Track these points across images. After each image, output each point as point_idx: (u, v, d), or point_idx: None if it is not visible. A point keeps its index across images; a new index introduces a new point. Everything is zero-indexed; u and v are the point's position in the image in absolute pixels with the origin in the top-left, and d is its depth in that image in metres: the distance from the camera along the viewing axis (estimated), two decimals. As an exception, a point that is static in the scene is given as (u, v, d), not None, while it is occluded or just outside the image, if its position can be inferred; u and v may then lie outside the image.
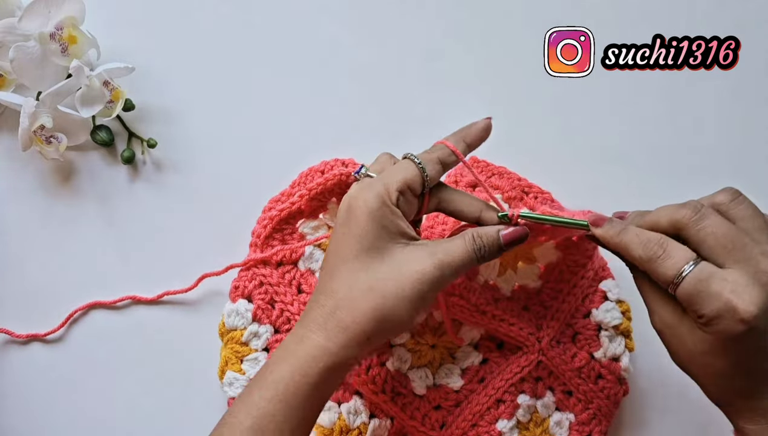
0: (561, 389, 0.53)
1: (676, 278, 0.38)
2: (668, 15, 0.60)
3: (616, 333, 0.53)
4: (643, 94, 0.60)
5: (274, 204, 0.54)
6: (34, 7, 0.51)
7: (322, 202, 0.53)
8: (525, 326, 0.52)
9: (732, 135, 0.60)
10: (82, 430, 0.55)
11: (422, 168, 0.43)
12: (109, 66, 0.53)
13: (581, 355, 0.53)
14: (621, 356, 0.53)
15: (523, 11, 0.60)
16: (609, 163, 0.59)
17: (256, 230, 0.53)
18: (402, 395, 0.52)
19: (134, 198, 0.57)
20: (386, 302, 0.40)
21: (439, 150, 0.45)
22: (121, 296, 0.55)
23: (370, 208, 0.41)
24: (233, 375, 0.52)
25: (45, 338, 0.55)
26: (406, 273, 0.41)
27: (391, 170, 0.43)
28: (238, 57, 0.59)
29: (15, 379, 0.55)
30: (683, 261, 0.38)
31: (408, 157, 0.44)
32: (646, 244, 0.40)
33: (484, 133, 0.46)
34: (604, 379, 0.53)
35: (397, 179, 0.42)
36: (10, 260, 0.56)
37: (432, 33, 0.60)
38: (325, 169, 0.53)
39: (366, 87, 0.59)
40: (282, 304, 0.53)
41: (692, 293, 0.37)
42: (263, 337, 0.52)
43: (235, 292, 0.53)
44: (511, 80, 0.60)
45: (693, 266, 0.37)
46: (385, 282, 0.41)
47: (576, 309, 0.53)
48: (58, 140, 0.53)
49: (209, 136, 0.58)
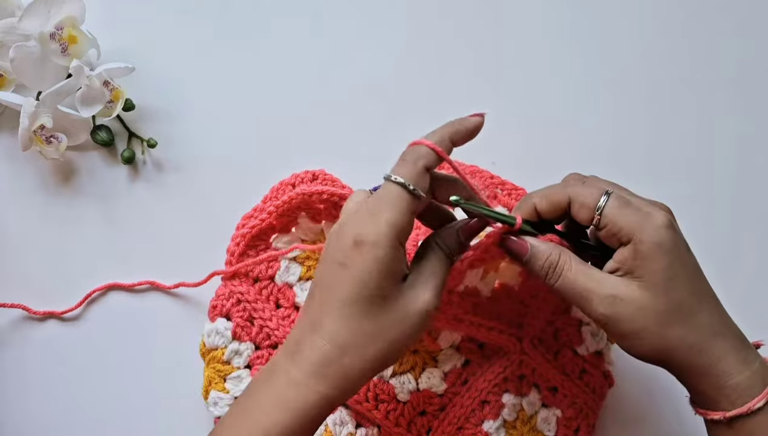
0: (546, 385, 0.53)
1: (602, 197, 0.40)
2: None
3: (598, 327, 0.52)
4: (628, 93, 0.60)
5: (246, 220, 0.53)
6: (34, 7, 0.51)
7: (291, 217, 0.53)
8: (505, 327, 0.51)
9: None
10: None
11: (415, 190, 0.39)
12: (109, 66, 0.53)
13: (564, 352, 0.52)
14: (604, 349, 0.53)
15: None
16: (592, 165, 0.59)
17: (230, 247, 0.53)
18: (385, 402, 0.51)
19: (134, 198, 0.57)
20: (392, 348, 0.39)
21: (423, 157, 0.39)
22: (140, 281, 0.55)
23: (380, 253, 0.38)
24: (217, 395, 0.52)
25: (62, 317, 0.55)
26: (412, 316, 0.39)
27: (386, 204, 0.39)
28: (238, 57, 0.59)
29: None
30: (599, 190, 0.40)
31: (394, 183, 0.39)
32: (564, 184, 0.42)
33: (473, 134, 0.42)
34: (588, 374, 0.53)
35: (401, 213, 0.38)
36: (9, 260, 0.56)
37: (438, 37, 0.60)
38: (295, 181, 0.53)
39: (366, 86, 0.59)
40: (261, 320, 0.52)
41: (616, 213, 0.39)
42: (244, 354, 0.52)
43: (213, 311, 0.53)
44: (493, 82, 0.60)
45: (608, 195, 0.40)
46: (390, 330, 0.39)
47: (556, 306, 0.52)
48: (58, 140, 0.53)
49: (209, 136, 0.58)
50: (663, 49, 0.61)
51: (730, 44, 0.61)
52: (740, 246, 0.58)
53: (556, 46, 0.60)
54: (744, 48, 0.61)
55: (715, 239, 0.58)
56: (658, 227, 0.39)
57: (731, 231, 0.58)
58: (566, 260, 0.41)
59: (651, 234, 0.39)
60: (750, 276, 0.58)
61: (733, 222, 0.58)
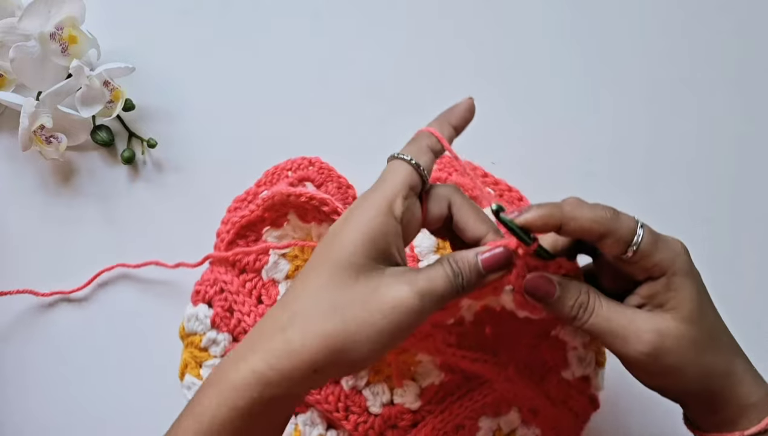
0: (527, 407, 0.50)
1: (639, 225, 0.37)
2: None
3: (586, 351, 0.49)
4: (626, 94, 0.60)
5: (238, 203, 0.53)
6: (34, 7, 0.51)
7: (281, 212, 0.51)
8: (489, 357, 0.48)
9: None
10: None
11: (416, 164, 0.38)
12: (110, 66, 0.53)
13: (549, 377, 0.49)
14: (591, 374, 0.50)
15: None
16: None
17: (220, 231, 0.53)
18: (356, 414, 0.50)
19: (134, 198, 0.57)
20: (347, 329, 0.34)
21: (426, 138, 0.39)
22: (146, 260, 0.55)
23: (368, 217, 0.36)
24: (192, 380, 0.51)
25: (69, 296, 0.55)
26: (381, 299, 0.34)
27: (386, 178, 0.37)
28: (238, 57, 0.59)
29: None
30: (633, 223, 0.37)
31: (396, 158, 0.38)
32: (595, 213, 0.37)
33: (468, 114, 0.41)
34: (573, 399, 0.50)
35: (396, 183, 0.37)
36: (9, 260, 0.56)
37: (438, 37, 0.60)
38: (292, 167, 0.53)
39: (366, 86, 0.59)
40: (240, 314, 0.51)
41: (652, 249, 0.37)
42: (221, 344, 0.52)
43: (196, 296, 0.52)
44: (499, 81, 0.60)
45: (642, 228, 0.37)
46: (352, 305, 0.34)
47: (541, 328, 0.48)
48: (58, 140, 0.53)
49: (209, 136, 0.58)
50: (663, 49, 0.60)
51: (730, 44, 0.61)
52: (740, 246, 0.58)
53: (556, 46, 0.60)
54: (744, 48, 0.61)
55: (716, 239, 0.58)
56: (683, 256, 0.38)
57: (731, 231, 0.58)
58: (596, 298, 0.38)
59: (681, 265, 0.38)
60: (750, 276, 0.58)
61: (733, 222, 0.58)
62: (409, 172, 0.37)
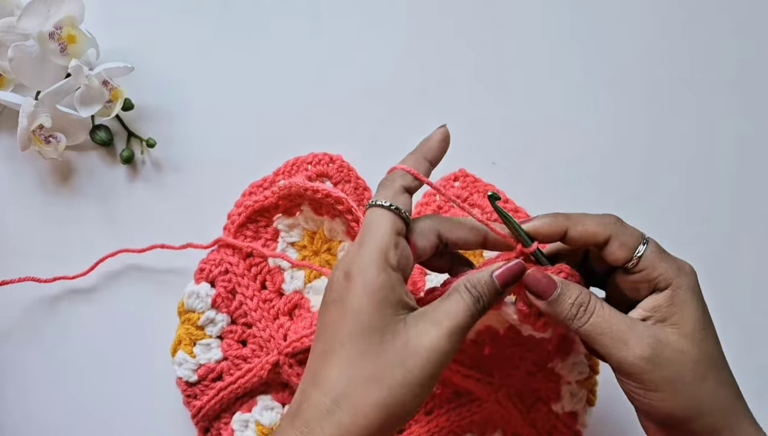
0: (512, 432, 0.51)
1: (643, 239, 0.38)
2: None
3: (580, 387, 0.50)
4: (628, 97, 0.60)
5: (254, 189, 0.53)
6: (33, 6, 0.51)
7: (295, 202, 0.52)
8: (483, 376, 0.48)
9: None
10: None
11: (396, 209, 0.38)
12: (109, 65, 0.53)
13: (538, 406, 0.50)
14: (579, 410, 0.50)
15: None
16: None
17: (231, 213, 0.53)
18: None
19: (133, 198, 0.57)
20: (393, 394, 0.34)
21: (400, 178, 0.39)
22: (151, 244, 0.55)
23: (367, 278, 0.36)
24: (184, 356, 0.51)
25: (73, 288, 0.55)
26: (415, 355, 0.35)
27: (369, 230, 0.38)
28: (238, 57, 0.59)
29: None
30: (638, 234, 0.39)
31: (374, 206, 0.38)
32: (601, 218, 0.39)
33: (443, 144, 0.41)
34: (558, 432, 0.50)
35: (384, 234, 0.37)
36: (9, 260, 0.55)
37: (438, 37, 0.60)
38: (313, 161, 0.53)
39: (366, 86, 0.59)
40: (242, 296, 0.52)
41: (655, 258, 0.38)
42: (219, 325, 0.52)
43: (200, 274, 0.52)
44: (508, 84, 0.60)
45: (647, 240, 0.39)
46: (390, 370, 0.35)
47: (540, 357, 0.49)
48: (57, 140, 0.53)
49: (209, 136, 0.58)
50: (663, 49, 0.60)
51: (730, 44, 0.61)
52: (740, 246, 0.58)
53: (556, 47, 0.60)
54: (744, 48, 0.61)
55: (716, 239, 0.58)
56: (690, 275, 0.38)
57: (731, 231, 0.58)
58: (597, 300, 0.38)
59: (687, 282, 0.38)
60: (750, 276, 0.58)
61: (733, 222, 0.58)
62: (392, 219, 0.38)
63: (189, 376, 0.52)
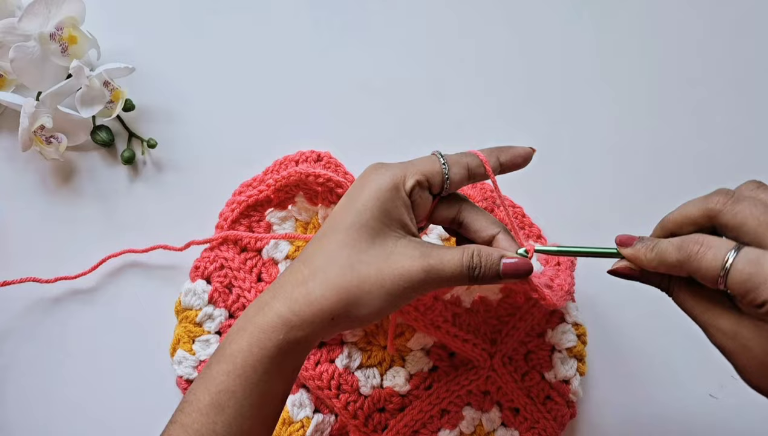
0: (508, 405, 0.52)
1: (722, 270, 0.34)
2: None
3: (569, 356, 0.53)
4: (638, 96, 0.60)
5: (244, 188, 0.54)
6: (34, 7, 0.51)
7: (289, 194, 0.52)
8: (479, 342, 0.50)
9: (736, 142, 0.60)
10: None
11: (446, 168, 0.41)
12: (109, 66, 0.53)
13: (532, 374, 0.52)
14: (572, 379, 0.53)
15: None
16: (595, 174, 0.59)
17: (223, 212, 0.53)
18: (347, 393, 0.51)
19: (134, 198, 0.57)
20: (361, 286, 0.38)
21: (470, 157, 0.42)
22: (153, 245, 0.55)
23: (379, 186, 0.39)
24: (183, 354, 0.52)
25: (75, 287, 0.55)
26: (393, 265, 0.38)
27: (413, 161, 0.41)
28: (238, 56, 0.59)
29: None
30: (725, 249, 0.34)
31: (435, 154, 0.42)
32: (680, 245, 0.36)
33: (520, 160, 0.43)
34: (552, 400, 0.52)
35: (417, 169, 0.40)
36: (9, 260, 0.56)
37: (423, 38, 0.60)
38: (300, 159, 0.53)
39: (367, 86, 0.59)
40: (239, 290, 0.52)
41: (745, 279, 0.34)
42: (217, 320, 0.52)
43: (195, 272, 0.53)
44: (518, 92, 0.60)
45: (736, 253, 0.34)
46: (367, 266, 0.38)
47: (532, 327, 0.52)
48: (58, 140, 0.53)
49: (209, 136, 0.58)
50: (663, 49, 0.61)
51: (730, 44, 0.61)
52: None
53: (556, 46, 0.60)
54: (744, 48, 0.61)
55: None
56: None
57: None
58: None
59: None
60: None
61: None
62: (432, 166, 0.41)
63: (189, 373, 0.52)
